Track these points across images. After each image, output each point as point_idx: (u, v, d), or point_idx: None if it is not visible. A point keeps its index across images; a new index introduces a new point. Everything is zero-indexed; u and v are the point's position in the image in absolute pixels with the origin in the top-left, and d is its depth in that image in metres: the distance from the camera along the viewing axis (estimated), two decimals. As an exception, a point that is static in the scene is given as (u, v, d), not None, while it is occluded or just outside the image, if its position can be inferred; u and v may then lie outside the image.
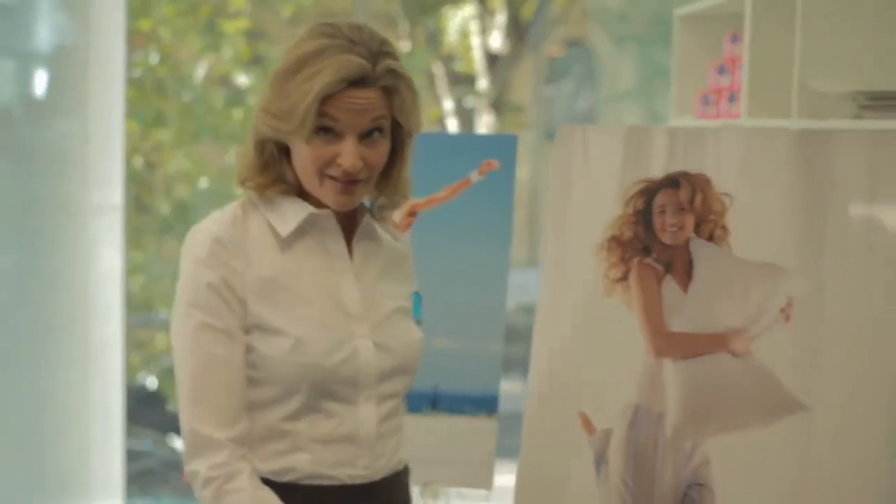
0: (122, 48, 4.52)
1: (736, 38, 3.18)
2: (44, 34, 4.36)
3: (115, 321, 4.65)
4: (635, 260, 1.98)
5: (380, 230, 1.74)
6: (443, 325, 2.78)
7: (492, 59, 8.47)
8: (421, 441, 2.75)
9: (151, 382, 7.98)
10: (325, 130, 1.60)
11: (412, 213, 2.81)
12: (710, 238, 1.95)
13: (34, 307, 4.23)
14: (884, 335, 1.84)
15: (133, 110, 6.89)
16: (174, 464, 7.97)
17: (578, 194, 2.02)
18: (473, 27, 8.44)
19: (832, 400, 1.86)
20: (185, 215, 7.48)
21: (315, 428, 1.63)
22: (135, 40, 6.93)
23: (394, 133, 1.66)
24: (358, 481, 1.64)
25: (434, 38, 8.65)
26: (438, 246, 2.80)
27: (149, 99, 7.19)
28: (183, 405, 1.63)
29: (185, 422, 1.62)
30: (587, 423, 1.98)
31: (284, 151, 1.66)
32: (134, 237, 7.24)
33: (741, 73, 3.04)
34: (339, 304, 1.66)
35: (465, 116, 8.48)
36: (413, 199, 2.79)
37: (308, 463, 1.63)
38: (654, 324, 1.96)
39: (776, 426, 1.89)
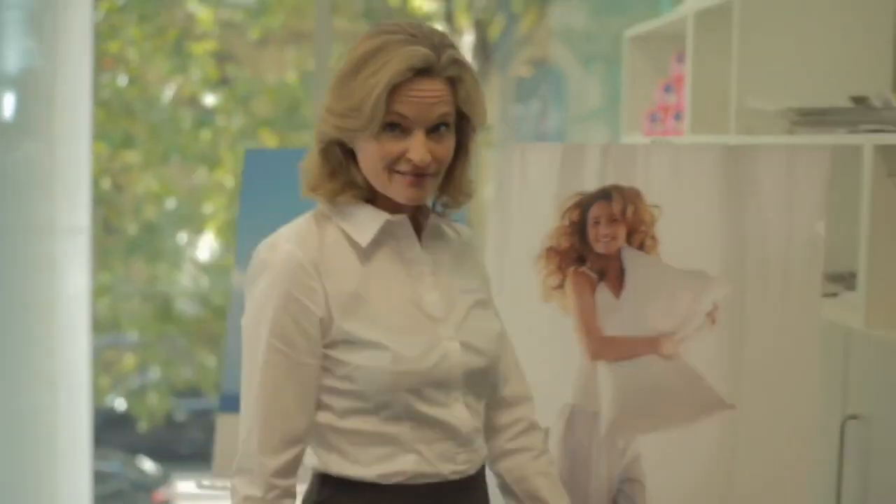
0: (89, 70, 4.54)
1: (681, 58, 3.31)
2: (11, 57, 4.40)
3: (81, 342, 4.65)
4: (571, 268, 2.08)
5: (445, 228, 1.72)
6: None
7: (459, 79, 8.52)
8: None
9: (120, 404, 7.97)
10: (392, 127, 1.57)
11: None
12: (641, 247, 2.05)
13: (0, 329, 4.24)
14: (801, 337, 1.95)
15: (101, 132, 6.93)
16: (142, 485, 7.95)
17: (518, 207, 2.12)
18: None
19: (755, 398, 1.96)
20: (152, 236, 7.52)
21: (416, 430, 1.62)
22: (102, 62, 6.97)
23: (458, 128, 1.63)
24: (458, 476, 1.65)
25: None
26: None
27: (117, 120, 7.23)
28: (243, 416, 1.62)
29: (242, 433, 1.61)
30: (527, 423, 2.08)
31: (351, 156, 1.63)
32: (101, 258, 7.26)
33: (686, 92, 3.16)
34: (421, 309, 1.64)
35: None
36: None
37: (414, 463, 1.63)
38: (589, 328, 2.06)
39: (703, 423, 1.98)
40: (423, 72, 1.56)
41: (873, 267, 2.19)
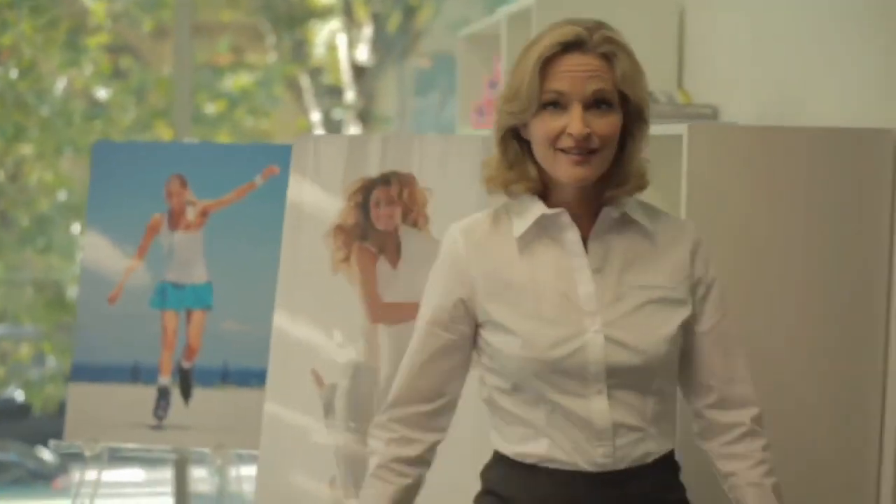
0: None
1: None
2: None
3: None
4: (355, 244, 2.37)
5: (643, 221, 1.70)
6: (231, 310, 3.14)
7: (358, 71, 8.70)
8: (214, 411, 3.11)
9: (18, 395, 8.04)
10: (552, 105, 1.62)
11: (204, 213, 3.17)
12: (415, 225, 2.34)
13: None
14: None
15: (-6, 125, 7.00)
16: (41, 474, 8.05)
17: (311, 190, 2.41)
18: (340, 40, 8.67)
19: None
20: (44, 227, 7.61)
21: (551, 416, 1.65)
22: (-6, 55, 7.03)
23: (625, 116, 1.65)
24: (597, 469, 1.65)
25: (301, 51, 8.86)
26: (228, 241, 3.16)
27: (10, 113, 7.29)
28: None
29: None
30: (318, 378, 2.37)
31: (527, 148, 1.69)
32: (-6, 250, 7.34)
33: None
34: (572, 301, 1.65)
35: (333, 128, 8.68)
36: (203, 200, 3.17)
37: (547, 449, 1.66)
38: (371, 296, 2.35)
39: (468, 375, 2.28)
40: (574, 47, 1.61)
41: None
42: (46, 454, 7.97)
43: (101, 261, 3.20)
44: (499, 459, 1.75)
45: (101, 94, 7.70)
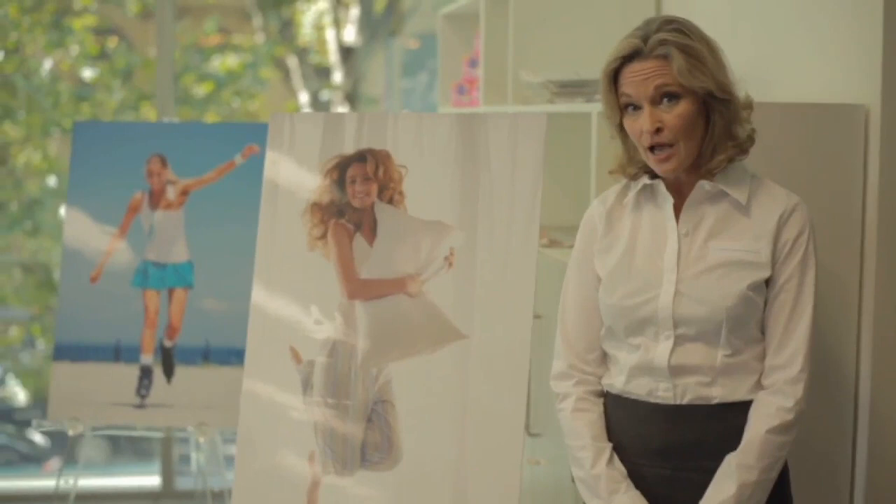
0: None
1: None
2: None
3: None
4: (332, 221, 2.38)
5: (735, 194, 1.93)
6: (212, 288, 3.16)
7: (346, 51, 8.67)
8: (196, 389, 3.13)
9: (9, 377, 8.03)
10: (632, 108, 1.91)
11: (185, 193, 3.18)
12: (391, 202, 2.36)
13: None
14: (521, 275, 2.25)
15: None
16: (32, 456, 8.06)
17: (287, 168, 2.42)
18: (327, 20, 8.63)
19: (485, 329, 2.26)
20: (32, 211, 7.60)
21: (629, 356, 1.96)
22: (-20, 38, 7.01)
23: (704, 100, 1.90)
24: (661, 401, 1.94)
25: (288, 31, 8.82)
26: (208, 220, 3.18)
27: (-4, 94, 7.26)
28: None
29: None
30: (296, 355, 2.38)
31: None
32: (-16, 233, 7.32)
33: (480, 66, 3.48)
34: (657, 258, 1.94)
35: (321, 109, 8.65)
36: (184, 180, 3.18)
37: (623, 383, 1.98)
38: (347, 272, 2.37)
39: (443, 351, 2.28)
40: (633, 57, 1.89)
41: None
42: (38, 437, 7.98)
43: (82, 240, 3.21)
44: (606, 392, 2.05)
45: (88, 75, 7.67)
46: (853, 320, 2.21)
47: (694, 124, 1.90)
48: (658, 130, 1.88)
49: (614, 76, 1.93)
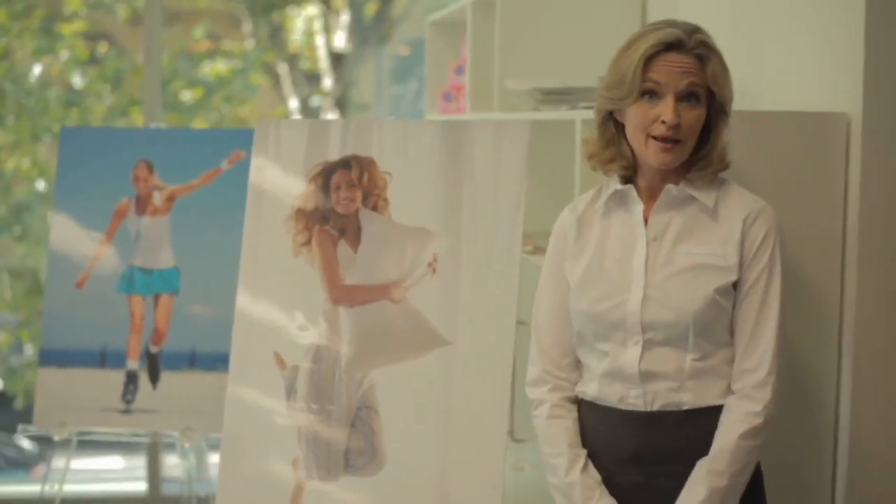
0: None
1: (469, 43, 3.63)
2: None
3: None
4: (316, 227, 2.39)
5: (704, 199, 1.93)
6: (198, 294, 3.16)
7: (336, 58, 8.68)
8: (182, 394, 3.13)
9: (-2, 384, 8.02)
10: (649, 94, 1.90)
11: (171, 198, 3.18)
12: (375, 208, 2.37)
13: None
14: (504, 282, 2.26)
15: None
16: (20, 462, 8.04)
17: (273, 174, 2.43)
18: (317, 26, 8.64)
19: (468, 335, 2.27)
20: (20, 216, 7.59)
21: (599, 362, 1.96)
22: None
23: (709, 108, 1.92)
24: (633, 408, 1.94)
25: (278, 38, 8.82)
26: (195, 226, 3.18)
27: (-15, 101, 7.25)
28: None
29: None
30: (280, 360, 2.39)
31: (622, 130, 1.96)
32: (-29, 239, 7.30)
33: (467, 74, 3.49)
34: (626, 264, 1.94)
35: (311, 115, 8.66)
36: (170, 186, 3.19)
37: (595, 389, 1.98)
38: (332, 278, 2.38)
39: (426, 357, 2.29)
40: (674, 47, 1.89)
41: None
42: (26, 442, 7.95)
43: (69, 245, 3.22)
44: (580, 399, 2.05)
45: (77, 81, 7.66)
46: (834, 328, 2.23)
47: (697, 132, 1.93)
48: (675, 126, 1.90)
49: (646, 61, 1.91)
